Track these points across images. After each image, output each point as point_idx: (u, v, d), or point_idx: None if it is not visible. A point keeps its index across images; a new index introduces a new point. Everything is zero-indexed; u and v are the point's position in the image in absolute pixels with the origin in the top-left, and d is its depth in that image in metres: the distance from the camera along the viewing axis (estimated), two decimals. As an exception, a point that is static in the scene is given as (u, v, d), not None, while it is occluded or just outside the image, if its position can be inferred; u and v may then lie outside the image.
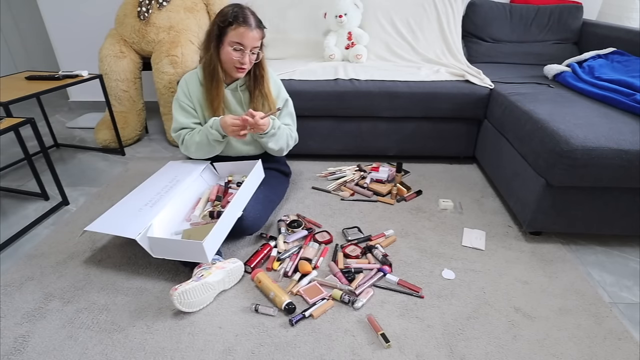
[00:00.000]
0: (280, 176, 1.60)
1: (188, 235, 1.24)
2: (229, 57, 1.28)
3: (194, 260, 1.12)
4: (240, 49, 1.27)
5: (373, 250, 1.30)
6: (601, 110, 1.39)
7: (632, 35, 1.84)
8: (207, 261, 1.11)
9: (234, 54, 1.27)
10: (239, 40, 1.25)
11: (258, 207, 1.37)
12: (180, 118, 1.40)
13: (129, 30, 2.09)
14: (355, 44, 2.09)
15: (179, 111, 1.40)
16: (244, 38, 1.25)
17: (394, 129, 1.89)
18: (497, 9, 2.22)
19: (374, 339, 1.01)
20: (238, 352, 0.98)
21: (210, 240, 1.10)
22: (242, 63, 1.29)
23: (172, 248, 1.13)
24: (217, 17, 1.28)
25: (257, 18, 1.29)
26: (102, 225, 1.22)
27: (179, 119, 1.40)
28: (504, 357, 0.97)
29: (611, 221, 1.32)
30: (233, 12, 1.25)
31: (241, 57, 1.28)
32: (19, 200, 1.68)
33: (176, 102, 1.41)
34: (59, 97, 3.08)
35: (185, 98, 1.39)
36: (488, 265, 1.28)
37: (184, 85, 1.40)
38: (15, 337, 1.02)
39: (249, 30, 1.25)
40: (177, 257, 1.14)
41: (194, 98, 1.39)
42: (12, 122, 1.40)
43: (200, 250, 1.08)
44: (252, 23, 1.25)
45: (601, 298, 1.15)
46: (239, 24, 1.24)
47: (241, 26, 1.24)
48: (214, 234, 1.13)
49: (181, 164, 1.53)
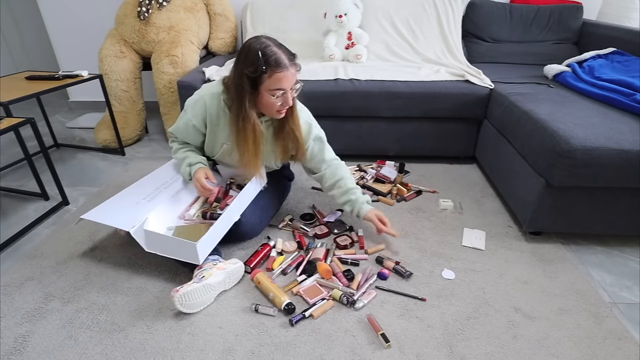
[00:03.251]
0: (283, 181, 1.58)
1: (179, 232, 1.24)
2: (270, 103, 1.13)
3: (185, 260, 1.12)
4: (282, 94, 1.12)
5: (383, 262, 1.27)
6: (601, 110, 1.39)
7: (632, 35, 1.84)
8: (198, 263, 1.11)
9: (276, 100, 1.12)
10: (280, 87, 1.09)
11: (257, 212, 1.36)
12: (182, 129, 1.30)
13: (129, 30, 2.09)
14: (355, 44, 2.09)
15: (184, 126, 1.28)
16: (284, 82, 1.08)
17: (394, 129, 1.89)
18: (497, 9, 2.22)
19: (374, 339, 1.01)
20: (238, 352, 0.98)
21: (204, 242, 1.10)
22: (287, 105, 1.15)
23: (166, 245, 1.13)
24: (243, 65, 1.08)
25: (286, 51, 1.10)
26: (98, 215, 1.22)
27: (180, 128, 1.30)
28: (504, 357, 0.97)
29: (611, 221, 1.32)
30: (264, 59, 1.05)
31: (284, 101, 1.13)
32: (19, 200, 1.68)
33: (186, 116, 1.26)
34: (59, 97, 3.08)
35: (200, 123, 1.25)
36: (488, 265, 1.28)
37: (201, 110, 1.23)
38: (15, 337, 1.02)
39: (287, 72, 1.08)
40: (169, 255, 1.14)
41: (210, 125, 1.25)
42: (12, 122, 1.39)
43: (193, 251, 1.08)
44: (287, 62, 1.07)
45: (601, 298, 1.15)
46: (273, 70, 1.06)
47: (277, 72, 1.06)
48: (209, 237, 1.13)
49: None
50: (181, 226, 1.28)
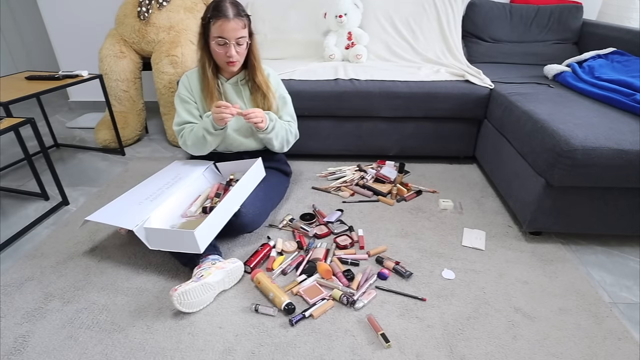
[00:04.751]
0: (280, 175, 1.60)
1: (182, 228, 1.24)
2: (217, 53, 1.28)
3: (188, 250, 1.12)
4: (224, 43, 1.25)
5: (383, 262, 1.27)
6: (601, 110, 1.39)
7: (632, 35, 1.84)
8: (199, 251, 1.10)
9: (219, 49, 1.27)
10: (220, 35, 1.24)
11: (257, 204, 1.36)
12: (183, 113, 1.42)
13: (129, 30, 2.09)
14: (355, 44, 2.09)
15: (181, 105, 1.42)
16: (224, 31, 1.23)
17: (394, 129, 1.89)
18: (497, 9, 2.22)
19: (374, 339, 1.01)
20: (238, 352, 0.98)
21: (202, 230, 1.10)
22: (229, 56, 1.27)
23: (167, 239, 1.14)
24: (201, 17, 1.28)
25: (236, 7, 1.24)
26: (102, 216, 1.23)
27: (181, 114, 1.42)
28: (504, 357, 0.97)
29: (611, 221, 1.32)
30: (211, 6, 1.23)
31: (226, 51, 1.27)
32: (19, 200, 1.68)
33: (178, 97, 1.42)
34: (59, 97, 3.09)
35: (185, 91, 1.41)
36: (488, 265, 1.28)
37: (185, 80, 1.42)
38: (15, 337, 1.02)
39: (227, 22, 1.21)
40: (172, 249, 1.15)
41: (195, 92, 1.41)
42: (12, 122, 1.40)
43: (192, 239, 1.08)
44: (230, 13, 1.21)
45: (601, 298, 1.15)
46: (217, 18, 1.22)
47: (219, 19, 1.21)
48: (207, 224, 1.13)
49: (185, 163, 1.54)
50: (183, 223, 1.29)
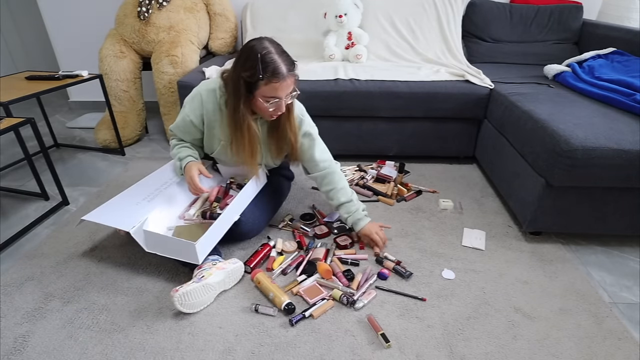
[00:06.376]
0: (283, 181, 1.57)
1: (179, 232, 1.24)
2: (263, 108, 1.12)
3: (185, 259, 1.12)
4: (275, 102, 1.11)
5: (383, 262, 1.27)
6: (601, 110, 1.39)
7: (632, 35, 1.84)
8: (197, 262, 1.11)
9: (269, 106, 1.12)
10: (273, 95, 1.09)
11: (257, 212, 1.35)
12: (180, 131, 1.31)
13: (129, 30, 2.09)
14: (355, 44, 2.10)
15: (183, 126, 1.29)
16: (278, 91, 1.08)
17: (394, 129, 1.89)
18: (497, 9, 2.22)
19: (374, 339, 1.01)
20: (238, 352, 0.98)
21: (203, 242, 1.10)
22: (279, 111, 1.15)
23: (165, 245, 1.13)
24: (241, 69, 1.08)
25: (287, 60, 1.09)
26: (99, 216, 1.22)
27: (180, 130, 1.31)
28: (504, 357, 0.97)
29: (611, 221, 1.32)
30: (262, 66, 1.04)
31: (277, 108, 1.13)
32: (19, 200, 1.68)
33: (185, 116, 1.26)
34: (59, 97, 3.08)
35: (198, 119, 1.25)
36: (488, 265, 1.28)
37: (198, 106, 1.23)
38: (15, 337, 1.02)
39: (284, 81, 1.07)
40: (169, 255, 1.14)
41: (207, 121, 1.25)
42: (12, 122, 1.39)
43: (192, 251, 1.08)
44: (284, 72, 1.06)
45: (601, 298, 1.15)
46: (269, 79, 1.05)
47: (273, 81, 1.06)
48: (208, 236, 1.13)
49: None
50: (181, 226, 1.28)
